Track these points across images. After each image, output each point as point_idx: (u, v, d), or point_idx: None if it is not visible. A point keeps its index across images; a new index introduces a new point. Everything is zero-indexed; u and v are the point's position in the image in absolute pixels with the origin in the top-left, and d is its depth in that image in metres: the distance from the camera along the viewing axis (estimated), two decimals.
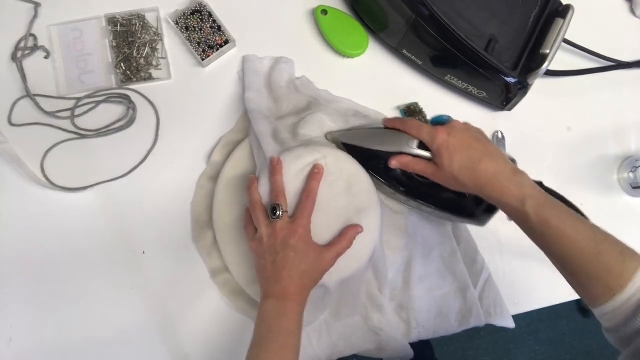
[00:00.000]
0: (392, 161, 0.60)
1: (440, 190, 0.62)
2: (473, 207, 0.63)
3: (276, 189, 0.58)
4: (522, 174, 0.55)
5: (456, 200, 0.63)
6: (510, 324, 0.71)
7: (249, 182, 0.60)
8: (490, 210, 0.63)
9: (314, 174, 0.59)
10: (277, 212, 0.56)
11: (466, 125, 0.59)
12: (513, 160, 0.60)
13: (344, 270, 0.60)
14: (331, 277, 0.59)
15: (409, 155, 0.60)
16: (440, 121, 0.60)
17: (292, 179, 0.60)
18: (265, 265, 0.55)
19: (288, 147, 0.63)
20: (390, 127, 0.63)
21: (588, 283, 0.50)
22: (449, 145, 0.56)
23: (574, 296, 0.72)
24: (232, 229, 0.65)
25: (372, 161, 0.64)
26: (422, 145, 0.59)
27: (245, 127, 0.71)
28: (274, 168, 0.59)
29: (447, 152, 0.56)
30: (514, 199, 0.53)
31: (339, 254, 0.58)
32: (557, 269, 0.54)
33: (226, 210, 0.66)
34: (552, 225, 0.51)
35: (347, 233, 0.58)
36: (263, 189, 0.60)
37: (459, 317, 0.69)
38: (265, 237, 0.56)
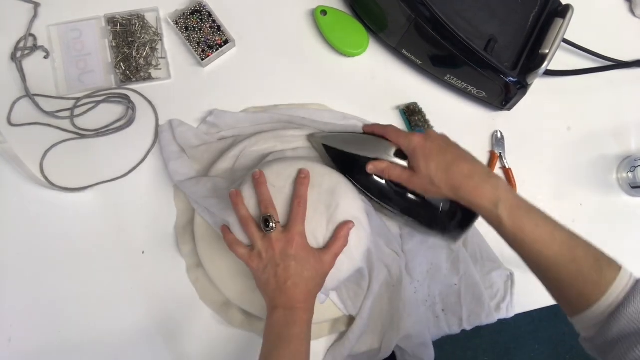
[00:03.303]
0: (369, 166, 0.61)
1: (414, 202, 0.63)
2: (446, 221, 0.63)
3: (265, 201, 0.58)
4: (497, 177, 0.55)
5: (429, 212, 0.63)
6: (502, 267, 0.72)
7: (233, 198, 0.58)
8: (462, 226, 0.63)
9: (301, 179, 0.59)
10: (270, 224, 0.56)
11: (442, 134, 0.60)
12: None
13: (359, 244, 0.60)
14: (355, 258, 0.60)
15: (387, 161, 0.60)
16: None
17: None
18: (269, 279, 0.55)
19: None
20: (369, 132, 0.64)
21: (564, 291, 0.50)
22: (425, 148, 0.57)
23: None
24: (251, 295, 0.64)
25: (350, 166, 0.64)
26: (399, 155, 0.60)
27: (186, 207, 0.69)
28: (257, 181, 0.59)
29: (423, 155, 0.57)
30: (487, 202, 0.52)
31: (337, 254, 0.58)
32: (535, 274, 0.53)
33: (234, 283, 0.65)
34: (526, 230, 0.50)
35: (341, 232, 0.58)
36: (249, 204, 0.59)
37: (448, 264, 0.70)
38: (263, 251, 0.55)
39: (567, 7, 0.70)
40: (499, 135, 0.77)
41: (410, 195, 0.63)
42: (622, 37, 0.83)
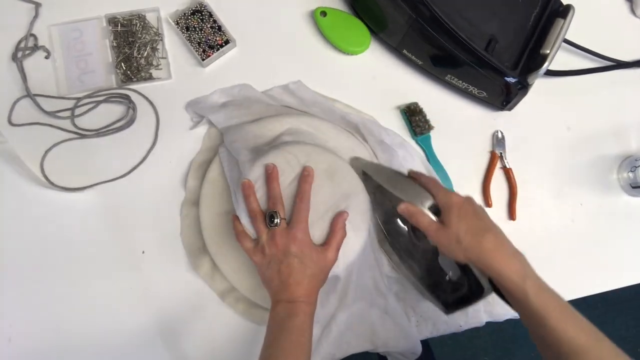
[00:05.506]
0: (402, 206, 0.59)
1: (426, 260, 0.64)
2: (448, 291, 0.64)
3: (274, 197, 0.58)
4: (522, 254, 0.55)
5: (436, 275, 0.64)
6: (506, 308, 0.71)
7: (245, 189, 0.59)
8: (462, 302, 0.62)
9: (305, 176, 0.59)
10: (275, 220, 0.56)
11: (480, 205, 0.60)
12: None
13: (349, 254, 0.60)
14: (338, 265, 0.60)
15: (420, 208, 0.59)
16: None
17: (263, 185, 0.60)
18: (272, 275, 0.56)
19: (260, 151, 0.63)
20: (413, 177, 0.63)
21: None
22: (462, 208, 0.56)
23: (574, 296, 0.73)
24: (228, 249, 0.65)
25: (382, 201, 0.64)
26: (433, 210, 0.59)
27: (212, 146, 0.71)
28: (270, 175, 0.59)
29: (458, 213, 0.56)
30: (515, 275, 0.52)
31: (339, 247, 0.58)
32: (543, 352, 0.53)
33: (216, 232, 0.66)
34: (551, 309, 0.51)
35: (337, 223, 0.59)
36: (259, 196, 0.59)
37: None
38: (267, 247, 0.56)
39: (568, 7, 0.70)
40: (499, 135, 0.77)
41: (424, 252, 0.64)
42: (622, 37, 0.83)
